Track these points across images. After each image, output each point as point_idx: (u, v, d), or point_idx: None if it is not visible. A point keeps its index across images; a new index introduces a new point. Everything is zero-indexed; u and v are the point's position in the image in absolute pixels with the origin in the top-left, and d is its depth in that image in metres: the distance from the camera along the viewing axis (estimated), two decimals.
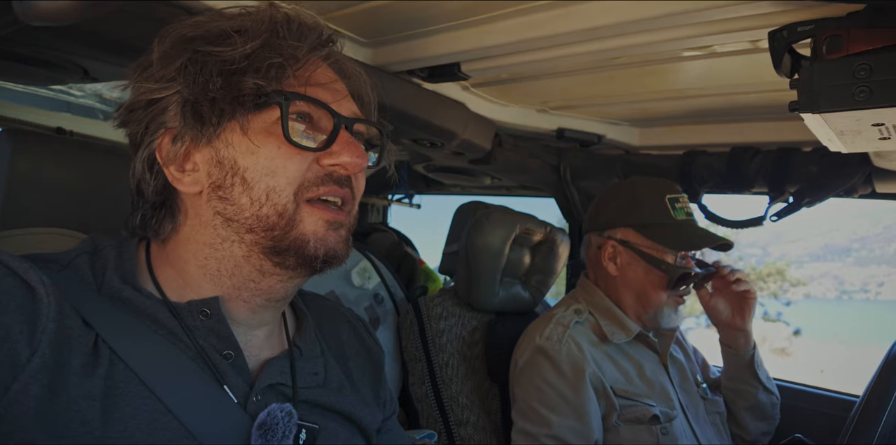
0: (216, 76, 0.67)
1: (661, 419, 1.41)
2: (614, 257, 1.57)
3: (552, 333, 1.48)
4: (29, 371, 0.58)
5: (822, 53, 0.90)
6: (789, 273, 15.99)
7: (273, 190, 0.69)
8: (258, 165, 0.69)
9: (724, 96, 1.57)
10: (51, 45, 1.12)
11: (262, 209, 0.69)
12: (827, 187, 1.61)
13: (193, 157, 0.71)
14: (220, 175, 0.70)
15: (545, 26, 1.16)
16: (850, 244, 21.78)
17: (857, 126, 0.97)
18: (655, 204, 1.55)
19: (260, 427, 0.69)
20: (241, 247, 0.71)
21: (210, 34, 0.70)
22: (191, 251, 0.73)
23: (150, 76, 0.70)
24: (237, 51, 0.67)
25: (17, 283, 0.62)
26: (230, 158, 0.69)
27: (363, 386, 0.91)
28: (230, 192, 0.70)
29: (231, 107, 0.68)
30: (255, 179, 0.69)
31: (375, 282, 1.79)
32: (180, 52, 0.69)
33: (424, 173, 2.50)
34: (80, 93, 2.05)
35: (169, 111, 0.70)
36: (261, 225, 0.70)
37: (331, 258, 0.72)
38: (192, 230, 0.73)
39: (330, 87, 0.74)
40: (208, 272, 0.73)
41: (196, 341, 0.70)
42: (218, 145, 0.70)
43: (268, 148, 0.69)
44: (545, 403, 1.40)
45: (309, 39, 0.72)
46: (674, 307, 1.55)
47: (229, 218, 0.70)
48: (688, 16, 1.03)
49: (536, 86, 1.61)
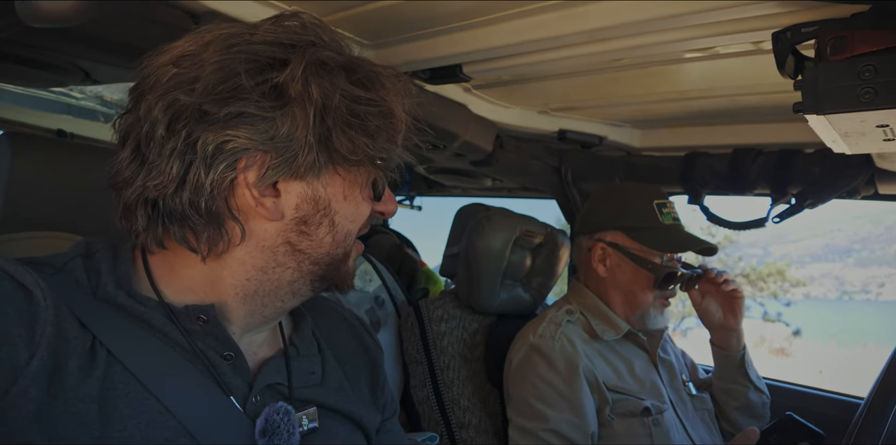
0: (347, 127, 0.68)
1: (652, 411, 1.45)
2: (604, 259, 1.62)
3: (545, 331, 1.52)
4: (28, 374, 0.58)
5: (827, 55, 0.90)
6: (790, 273, 15.96)
7: (349, 233, 0.76)
8: (347, 212, 0.75)
9: (727, 98, 1.57)
10: (51, 46, 1.12)
11: (337, 249, 0.75)
12: (829, 189, 1.61)
13: (279, 185, 0.69)
14: (311, 212, 0.72)
15: (547, 28, 1.15)
16: (851, 244, 21.79)
17: (862, 127, 0.97)
18: (644, 208, 1.60)
19: (263, 434, 0.69)
20: (293, 274, 0.74)
21: (355, 76, 0.70)
22: (233, 271, 0.70)
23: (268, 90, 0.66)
24: (375, 109, 0.70)
25: (14, 287, 0.61)
26: (325, 199, 0.72)
27: (361, 387, 0.91)
28: (315, 230, 0.72)
29: (346, 159, 0.71)
30: (341, 223, 0.74)
31: (376, 285, 1.79)
32: (318, 83, 0.67)
33: (425, 175, 2.50)
34: (80, 95, 2.05)
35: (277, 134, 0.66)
36: (329, 260, 0.75)
37: (350, 285, 0.81)
38: (247, 252, 0.70)
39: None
40: (243, 291, 0.72)
41: (195, 343, 0.70)
42: (316, 184, 0.71)
43: (357, 198, 0.75)
44: (541, 399, 1.42)
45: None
46: (660, 309, 1.60)
47: (301, 250, 0.73)
48: (690, 17, 1.03)
49: (538, 87, 1.61)
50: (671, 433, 1.45)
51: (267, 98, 0.65)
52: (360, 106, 0.69)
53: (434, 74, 1.42)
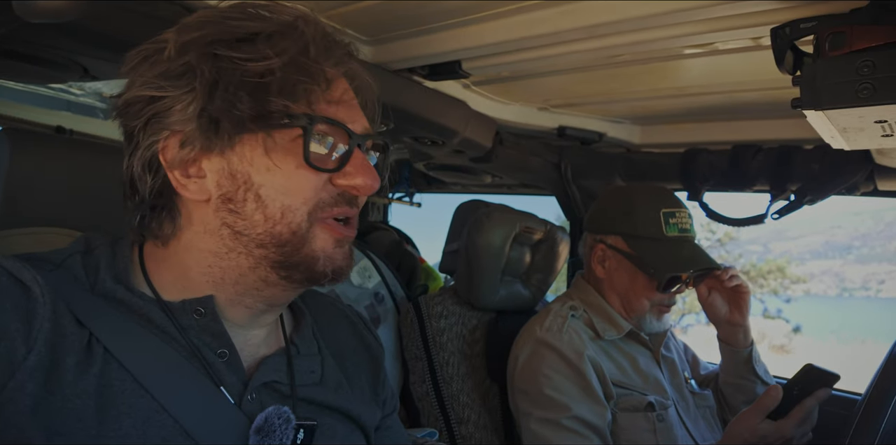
0: (240, 89, 0.65)
1: (655, 407, 1.44)
2: (603, 260, 1.61)
3: (552, 324, 1.52)
4: (25, 369, 0.58)
5: (825, 50, 0.90)
6: (790, 270, 15.98)
7: (288, 209, 0.68)
8: (274, 184, 0.68)
9: (726, 94, 1.57)
10: (51, 43, 1.12)
11: (275, 227, 0.68)
12: (829, 185, 1.61)
13: (200, 163, 0.69)
14: (232, 188, 0.68)
15: (546, 24, 1.15)
16: (851, 241, 21.78)
17: (860, 123, 0.97)
18: (649, 216, 1.55)
19: (258, 432, 0.69)
20: (248, 259, 0.70)
21: (232, 37, 0.67)
22: (194, 258, 0.72)
23: (158, 71, 0.67)
24: (263, 64, 0.65)
25: (12, 283, 0.62)
26: (244, 173, 0.68)
27: (361, 384, 0.91)
28: (242, 207, 0.68)
29: (253, 125, 0.66)
30: (270, 197, 0.68)
31: (376, 281, 1.79)
32: (197, 51, 0.66)
33: (425, 171, 2.50)
34: (80, 91, 2.04)
35: (175, 112, 0.67)
36: (273, 241, 0.69)
37: (338, 275, 0.73)
38: (197, 237, 0.71)
39: (347, 104, 0.73)
40: (212, 278, 0.72)
41: (190, 340, 0.70)
42: (231, 157, 0.68)
43: (286, 167, 0.68)
44: (557, 389, 1.41)
45: (335, 56, 0.71)
46: (657, 315, 1.57)
47: (239, 231, 0.69)
48: (689, 13, 1.03)
49: (537, 83, 1.61)
50: (675, 429, 1.45)
51: (160, 79, 0.67)
52: (248, 64, 0.65)
53: (433, 71, 1.41)
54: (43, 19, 0.73)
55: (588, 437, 1.36)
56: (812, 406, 1.29)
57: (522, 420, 1.46)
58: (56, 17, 0.71)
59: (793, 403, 1.29)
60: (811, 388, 1.30)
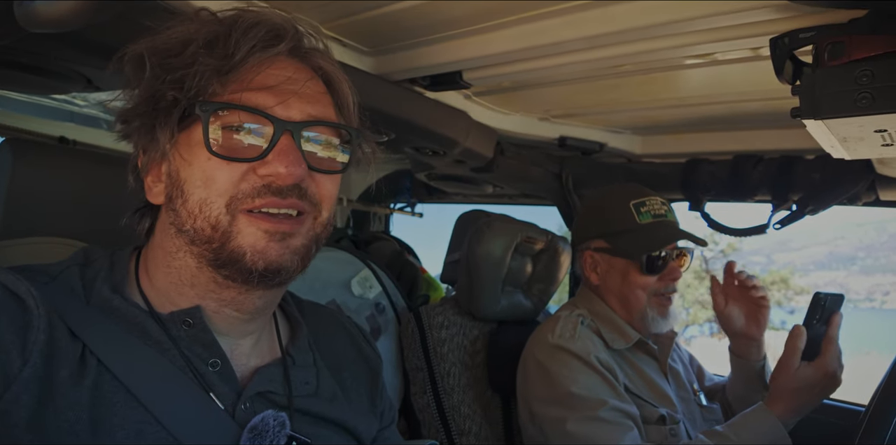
0: (149, 93, 0.68)
1: (667, 420, 1.42)
2: (594, 267, 1.62)
3: (563, 331, 1.50)
4: (20, 381, 0.58)
5: (824, 60, 0.90)
6: (794, 281, 15.91)
7: (205, 202, 0.67)
8: (193, 177, 0.68)
9: (727, 104, 1.57)
10: (54, 54, 1.13)
11: (196, 222, 0.67)
12: (830, 195, 1.60)
13: (161, 168, 0.72)
14: (171, 187, 0.70)
15: (547, 34, 1.16)
16: (855, 252, 21.69)
17: (860, 132, 0.97)
18: (620, 211, 1.58)
19: (251, 430, 0.69)
20: (192, 258, 0.70)
21: (161, 45, 0.68)
22: (159, 258, 0.74)
23: (123, 89, 0.71)
24: (163, 63, 0.67)
25: (7, 295, 0.62)
26: (176, 170, 0.70)
27: (358, 395, 0.91)
28: (175, 204, 0.70)
29: (162, 124, 0.67)
30: (189, 191, 0.68)
31: (377, 291, 1.78)
32: (137, 66, 0.69)
33: (426, 181, 2.50)
34: (83, 102, 2.05)
35: (132, 124, 0.72)
36: (199, 237, 0.68)
37: (272, 272, 0.68)
38: (160, 237, 0.74)
39: (279, 89, 0.69)
40: (172, 281, 0.72)
41: (182, 351, 0.70)
42: (172, 158, 0.70)
43: (199, 160, 0.67)
44: (586, 387, 1.39)
45: (248, 41, 0.67)
46: (657, 310, 1.54)
47: (179, 229, 0.70)
48: (690, 23, 1.03)
49: (538, 94, 1.62)
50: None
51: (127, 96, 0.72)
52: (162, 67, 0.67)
53: (434, 81, 1.42)
54: (45, 29, 0.73)
55: (629, 426, 1.34)
56: (836, 334, 1.30)
57: (556, 427, 1.39)
58: (58, 26, 0.72)
59: (819, 338, 1.30)
60: (828, 315, 1.32)
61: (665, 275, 1.54)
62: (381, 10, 1.14)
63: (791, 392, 1.29)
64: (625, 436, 1.31)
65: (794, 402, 1.30)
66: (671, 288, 1.56)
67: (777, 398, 1.31)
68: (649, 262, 1.52)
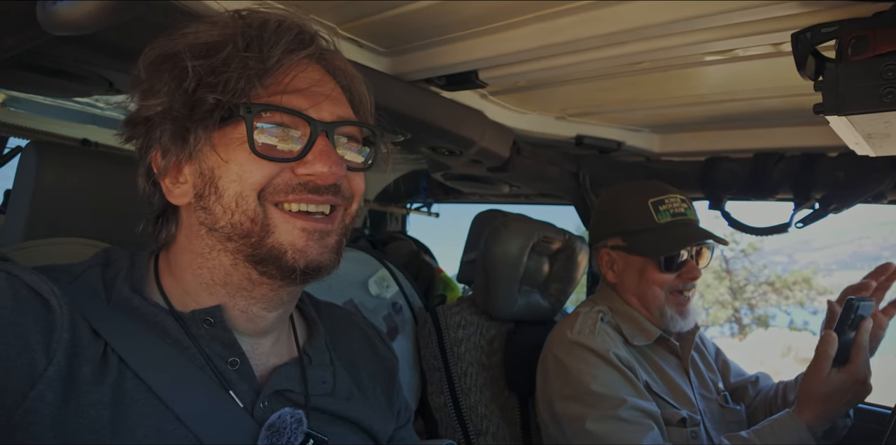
0: (185, 94, 0.68)
1: (687, 422, 1.40)
2: (611, 265, 1.61)
3: (583, 327, 1.49)
4: (44, 379, 0.59)
5: (848, 55, 0.88)
6: (816, 281, 15.62)
7: (240, 195, 0.69)
8: (230, 173, 0.69)
9: (747, 101, 1.54)
10: (76, 57, 1.15)
11: (234, 216, 0.69)
12: (854, 193, 1.57)
13: (183, 170, 0.73)
14: (202, 185, 0.71)
15: (564, 32, 1.15)
16: (880, 252, 21.23)
17: (886, 128, 0.95)
18: (638, 209, 1.56)
19: (269, 428, 0.70)
20: (226, 256, 0.72)
21: (186, 48, 0.69)
22: (186, 260, 0.74)
23: (141, 92, 0.72)
24: (201, 65, 0.67)
25: (32, 295, 0.63)
26: (209, 169, 0.70)
27: (375, 395, 0.91)
28: (208, 201, 0.70)
29: (199, 125, 0.69)
30: (224, 187, 0.69)
31: (393, 291, 1.79)
32: (161, 67, 0.70)
33: (443, 181, 2.50)
34: (105, 105, 2.09)
35: (155, 126, 0.72)
36: (237, 232, 0.70)
37: (313, 270, 0.71)
38: (186, 240, 0.75)
39: (309, 92, 0.72)
40: (203, 281, 0.73)
41: (202, 349, 0.71)
42: (202, 158, 0.71)
43: (237, 158, 0.69)
44: (606, 384, 1.38)
45: (281, 44, 0.70)
46: (675, 308, 1.52)
47: (210, 227, 0.71)
48: (709, 19, 1.02)
49: (555, 93, 1.61)
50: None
51: (142, 100, 0.72)
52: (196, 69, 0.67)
53: (450, 81, 1.42)
54: (67, 31, 0.74)
55: (650, 426, 1.32)
56: (866, 339, 1.27)
57: (575, 425, 1.38)
58: (79, 28, 0.73)
59: (849, 344, 1.28)
60: (858, 321, 1.29)
61: (684, 274, 1.52)
62: (397, 11, 1.14)
63: (821, 398, 1.27)
64: (645, 437, 1.29)
65: (824, 409, 1.27)
66: (689, 287, 1.54)
67: (806, 404, 1.29)
68: (668, 261, 1.50)
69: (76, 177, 0.98)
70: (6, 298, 0.61)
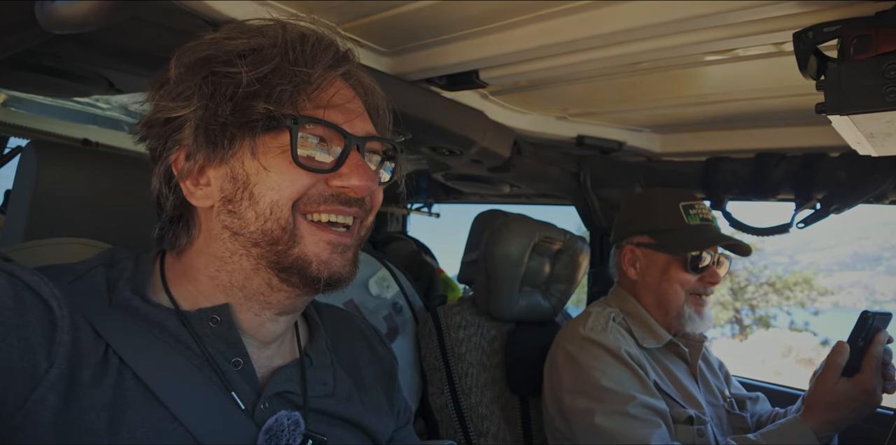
0: (228, 100, 0.68)
1: (694, 421, 1.41)
2: (633, 262, 1.62)
3: (595, 324, 1.51)
4: (46, 382, 0.59)
5: (850, 54, 0.88)
6: (817, 281, 15.60)
7: (276, 204, 0.70)
8: (268, 181, 0.70)
9: (748, 101, 1.54)
10: (76, 57, 1.15)
11: (266, 223, 0.70)
12: (856, 193, 1.57)
13: (207, 173, 0.73)
14: (233, 189, 0.71)
15: (565, 32, 1.15)
16: (881, 252, 21.20)
17: (888, 128, 0.94)
18: (669, 210, 1.59)
19: (267, 431, 0.70)
20: (248, 261, 0.72)
21: (225, 54, 0.70)
22: (203, 263, 0.74)
23: (167, 94, 0.72)
24: (250, 74, 0.68)
25: (33, 297, 0.63)
26: (243, 174, 0.71)
27: (374, 396, 0.91)
28: (238, 206, 0.71)
29: (241, 131, 0.70)
30: (261, 194, 0.70)
31: (394, 291, 1.78)
32: (197, 71, 0.70)
33: (443, 182, 2.50)
34: (106, 105, 2.09)
35: (185, 129, 0.72)
36: (265, 239, 0.71)
37: (335, 281, 0.73)
38: (205, 243, 0.75)
39: (344, 108, 0.75)
40: (220, 283, 0.74)
41: (205, 348, 0.71)
42: (233, 163, 0.71)
43: (278, 167, 0.70)
44: (616, 381, 1.39)
45: (323, 60, 0.72)
46: (694, 308, 1.55)
47: (236, 231, 0.71)
48: (710, 18, 1.02)
49: (556, 93, 1.60)
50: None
51: (169, 101, 0.72)
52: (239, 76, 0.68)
53: (451, 81, 1.42)
54: (66, 29, 0.74)
55: (657, 423, 1.33)
56: (880, 351, 1.28)
57: (583, 420, 1.39)
58: (78, 26, 0.73)
59: (861, 355, 1.29)
60: (872, 334, 1.30)
61: (705, 277, 1.56)
62: (397, 11, 1.14)
63: (827, 405, 1.29)
64: (653, 434, 1.30)
65: (830, 416, 1.29)
66: (709, 291, 1.57)
67: (813, 411, 1.31)
68: (693, 260, 1.53)
69: (76, 177, 0.98)
70: (8, 300, 0.61)
